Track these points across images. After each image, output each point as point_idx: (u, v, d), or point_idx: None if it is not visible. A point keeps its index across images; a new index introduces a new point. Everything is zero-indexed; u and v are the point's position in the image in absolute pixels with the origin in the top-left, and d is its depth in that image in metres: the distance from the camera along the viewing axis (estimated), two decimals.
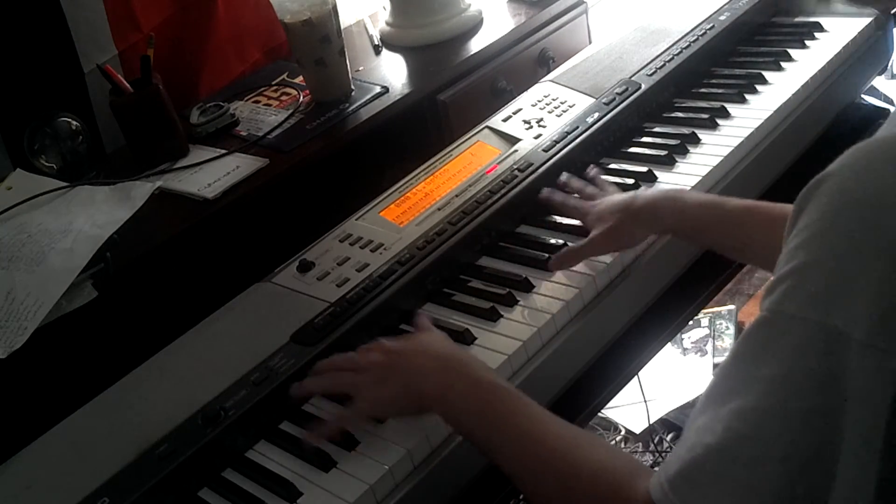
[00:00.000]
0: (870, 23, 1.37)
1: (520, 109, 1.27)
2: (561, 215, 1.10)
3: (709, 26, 1.40)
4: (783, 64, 1.34)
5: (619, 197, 1.03)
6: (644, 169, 1.16)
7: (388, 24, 1.47)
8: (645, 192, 1.02)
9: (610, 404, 1.20)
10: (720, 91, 1.31)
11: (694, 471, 0.59)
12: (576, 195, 1.10)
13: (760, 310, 0.59)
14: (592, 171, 1.14)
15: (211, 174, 1.18)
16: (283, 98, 1.36)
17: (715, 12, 1.43)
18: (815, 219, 0.57)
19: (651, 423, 1.89)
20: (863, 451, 0.54)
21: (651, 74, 1.31)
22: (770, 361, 0.56)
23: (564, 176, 1.13)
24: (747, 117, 1.23)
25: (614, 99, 1.26)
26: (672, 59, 1.33)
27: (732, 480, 0.57)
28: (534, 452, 0.72)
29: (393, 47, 1.45)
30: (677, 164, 1.18)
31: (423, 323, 0.91)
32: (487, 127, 1.24)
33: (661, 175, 1.16)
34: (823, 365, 0.54)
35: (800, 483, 0.55)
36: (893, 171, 0.55)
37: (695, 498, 0.58)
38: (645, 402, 1.88)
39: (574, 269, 1.01)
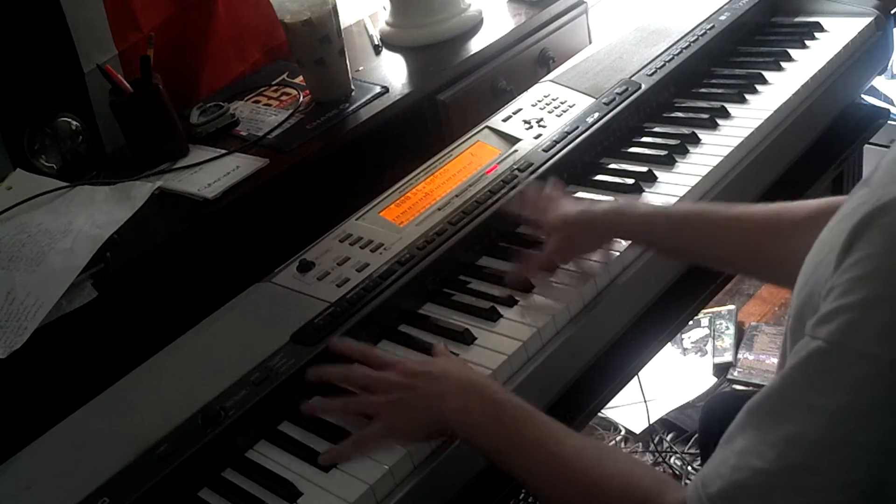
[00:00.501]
0: (870, 23, 1.38)
1: (520, 109, 1.27)
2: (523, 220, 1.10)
3: (709, 26, 1.40)
4: (783, 64, 1.34)
5: (570, 209, 1.03)
6: (644, 169, 1.16)
7: (388, 24, 1.47)
8: (593, 206, 1.03)
9: (610, 404, 1.20)
10: (720, 91, 1.32)
11: (740, 493, 0.58)
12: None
13: (812, 336, 0.58)
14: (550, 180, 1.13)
15: (211, 174, 1.18)
16: (283, 98, 1.36)
17: (715, 12, 1.43)
18: (879, 251, 0.56)
19: (651, 423, 1.89)
20: None
21: (651, 74, 1.31)
22: (830, 393, 0.56)
23: (521, 185, 1.12)
24: (747, 117, 1.23)
25: (614, 99, 1.26)
26: (672, 59, 1.33)
27: None
28: (559, 471, 0.72)
29: (393, 47, 1.45)
30: (677, 164, 1.18)
31: (441, 349, 0.91)
32: (487, 127, 1.24)
33: (661, 175, 1.16)
34: (890, 399, 0.54)
35: None
36: None
37: None
38: (645, 402, 1.88)
39: (574, 269, 1.01)
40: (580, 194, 1.15)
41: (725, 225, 0.93)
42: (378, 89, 1.31)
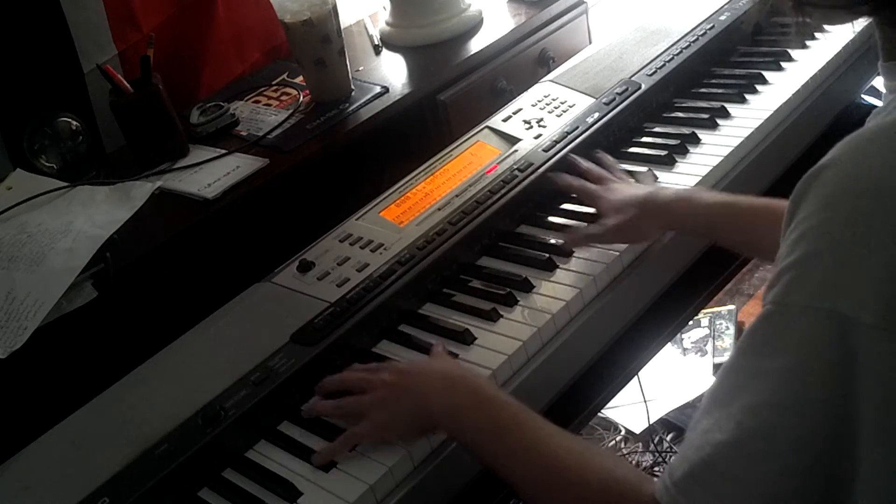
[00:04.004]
0: (870, 23, 1.37)
1: (520, 109, 1.27)
2: (573, 198, 1.12)
3: (709, 26, 1.40)
4: (783, 64, 1.34)
5: (637, 191, 1.04)
6: (644, 169, 1.16)
7: (388, 24, 1.47)
8: (661, 191, 1.04)
9: (610, 404, 1.20)
10: (720, 91, 1.31)
11: (704, 471, 0.58)
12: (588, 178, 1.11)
13: (763, 304, 0.59)
14: (599, 153, 1.15)
15: (211, 174, 1.18)
16: (283, 98, 1.36)
17: (715, 12, 1.43)
18: (814, 210, 0.57)
19: (651, 423, 1.89)
20: (882, 433, 0.54)
21: (651, 74, 1.31)
22: (779, 354, 0.56)
23: (579, 159, 1.14)
24: (747, 117, 1.23)
25: (614, 99, 1.26)
26: (672, 59, 1.33)
27: (745, 477, 0.57)
28: (542, 464, 0.72)
29: (393, 47, 1.45)
30: (677, 163, 1.18)
31: (439, 350, 0.92)
32: (487, 127, 1.24)
33: (662, 175, 1.16)
34: (835, 353, 0.54)
35: (816, 474, 0.55)
36: (890, 157, 0.56)
37: (707, 498, 0.58)
38: (645, 402, 1.88)
39: (573, 269, 1.01)
40: None
41: None
42: (378, 89, 1.31)
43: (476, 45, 1.39)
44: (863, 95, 1.42)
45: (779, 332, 0.57)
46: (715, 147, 1.19)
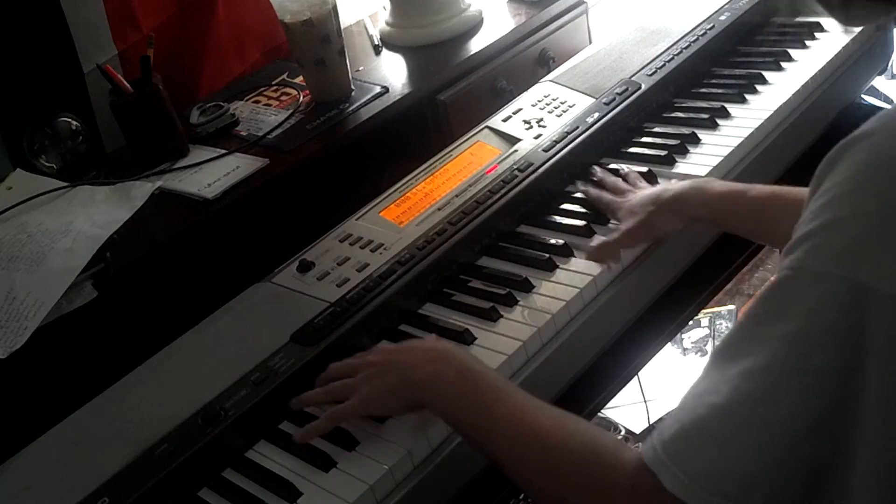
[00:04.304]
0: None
1: (520, 109, 1.27)
2: (573, 198, 1.14)
3: (709, 26, 1.40)
4: (783, 64, 1.34)
5: (650, 190, 1.06)
6: (644, 169, 1.16)
7: (388, 24, 1.47)
8: (672, 184, 1.05)
9: (610, 404, 1.20)
10: (720, 91, 1.31)
11: (693, 432, 0.58)
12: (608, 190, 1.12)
13: (778, 271, 0.57)
14: (625, 168, 1.16)
15: (211, 174, 1.18)
16: (283, 98, 1.36)
17: (715, 12, 1.43)
18: (843, 178, 0.56)
19: (651, 423, 1.89)
20: (885, 405, 0.53)
21: (651, 74, 1.31)
22: (787, 319, 0.55)
23: (599, 172, 1.16)
24: (747, 117, 1.23)
25: (614, 99, 1.26)
26: (672, 59, 1.33)
27: (734, 441, 0.56)
28: (522, 432, 0.72)
29: (393, 47, 1.45)
30: (677, 164, 1.18)
31: (430, 337, 0.92)
32: (487, 127, 1.24)
33: (662, 175, 1.16)
34: (846, 320, 0.53)
35: (804, 445, 0.54)
36: None
37: (692, 459, 0.57)
38: (645, 402, 1.89)
39: (573, 269, 1.01)
40: None
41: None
42: (378, 89, 1.31)
43: (476, 45, 1.39)
44: (863, 95, 1.42)
45: (790, 297, 0.56)
46: (715, 147, 1.19)
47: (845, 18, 0.68)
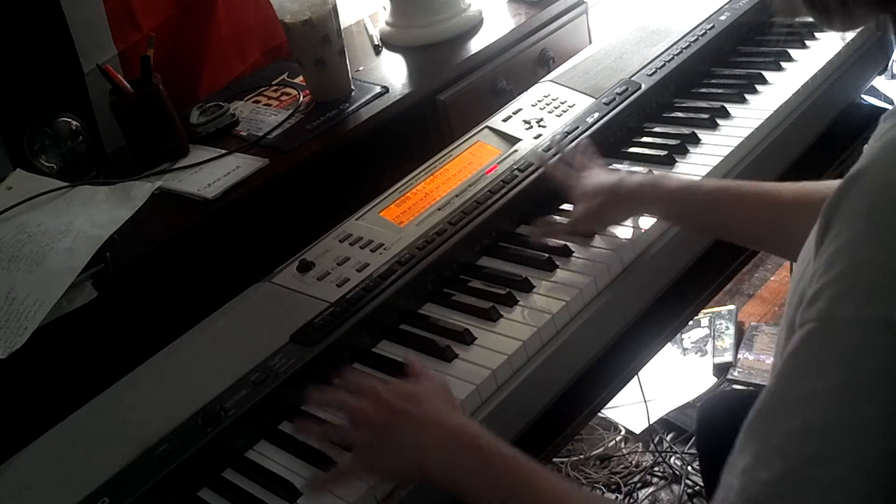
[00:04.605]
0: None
1: (520, 109, 1.27)
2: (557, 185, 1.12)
3: (709, 26, 1.40)
4: (783, 64, 1.34)
5: (606, 178, 1.05)
6: (644, 169, 1.16)
7: (388, 24, 1.47)
8: (629, 177, 1.04)
9: (610, 404, 1.20)
10: (720, 91, 1.32)
11: None
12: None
13: (800, 325, 0.54)
14: (583, 141, 1.16)
15: (211, 174, 1.18)
16: (283, 98, 1.36)
17: (715, 12, 1.43)
18: (853, 219, 0.54)
19: (651, 423, 1.89)
20: None
21: (651, 74, 1.31)
22: (826, 373, 0.52)
23: (566, 149, 1.16)
24: (747, 117, 1.23)
25: (614, 99, 1.26)
26: (672, 59, 1.33)
27: None
28: None
29: (393, 47, 1.45)
30: (677, 164, 1.18)
31: (416, 369, 0.84)
32: (487, 127, 1.24)
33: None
34: (888, 361, 0.50)
35: (870, 501, 0.50)
36: None
37: None
38: (645, 402, 1.88)
39: (573, 269, 1.01)
40: None
41: (756, 202, 0.93)
42: (378, 89, 1.31)
43: (476, 45, 1.39)
44: (863, 95, 1.42)
45: (825, 350, 0.53)
46: (715, 147, 1.19)
47: (843, 24, 0.65)
